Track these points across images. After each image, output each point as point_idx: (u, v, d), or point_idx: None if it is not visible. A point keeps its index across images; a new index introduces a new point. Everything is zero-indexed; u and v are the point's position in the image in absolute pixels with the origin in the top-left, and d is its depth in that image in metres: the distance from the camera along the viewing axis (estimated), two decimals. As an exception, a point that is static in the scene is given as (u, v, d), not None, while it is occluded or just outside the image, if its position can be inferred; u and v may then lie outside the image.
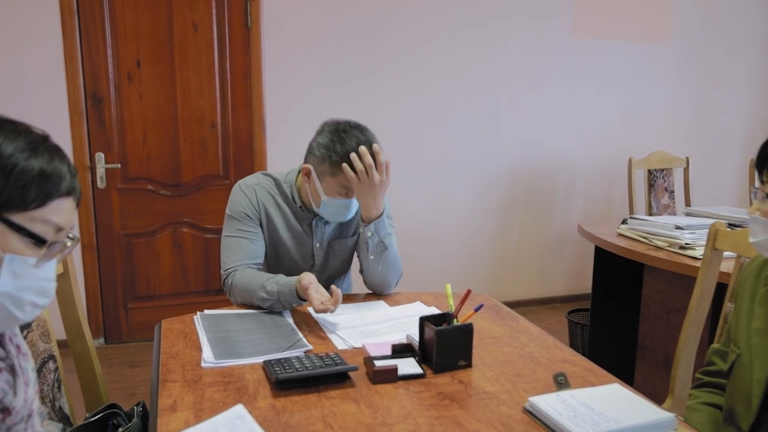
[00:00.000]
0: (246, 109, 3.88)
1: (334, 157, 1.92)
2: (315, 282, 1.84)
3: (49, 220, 0.94)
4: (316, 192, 2.01)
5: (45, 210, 0.93)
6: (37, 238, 0.93)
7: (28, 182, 0.91)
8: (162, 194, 3.83)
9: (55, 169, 0.94)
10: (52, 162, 0.94)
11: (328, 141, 1.94)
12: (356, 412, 1.32)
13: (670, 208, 4.14)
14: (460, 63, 4.21)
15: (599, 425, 1.19)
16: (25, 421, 0.97)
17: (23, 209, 0.91)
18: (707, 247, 1.93)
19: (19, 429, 0.95)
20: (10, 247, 0.92)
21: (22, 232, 0.92)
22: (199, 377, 1.48)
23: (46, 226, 0.94)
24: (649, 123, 4.74)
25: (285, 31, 3.86)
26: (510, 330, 1.81)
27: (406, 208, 4.13)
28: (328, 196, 1.98)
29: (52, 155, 0.95)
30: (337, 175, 1.95)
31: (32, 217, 0.92)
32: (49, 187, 0.93)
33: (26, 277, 0.94)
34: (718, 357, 1.56)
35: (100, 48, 3.59)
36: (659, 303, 2.80)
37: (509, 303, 2.82)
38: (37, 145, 0.93)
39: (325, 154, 1.94)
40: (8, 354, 0.98)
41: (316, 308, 1.78)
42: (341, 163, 1.91)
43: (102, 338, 3.86)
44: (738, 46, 4.88)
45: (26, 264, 0.93)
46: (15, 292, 0.93)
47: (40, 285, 0.96)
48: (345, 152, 1.91)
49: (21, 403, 0.95)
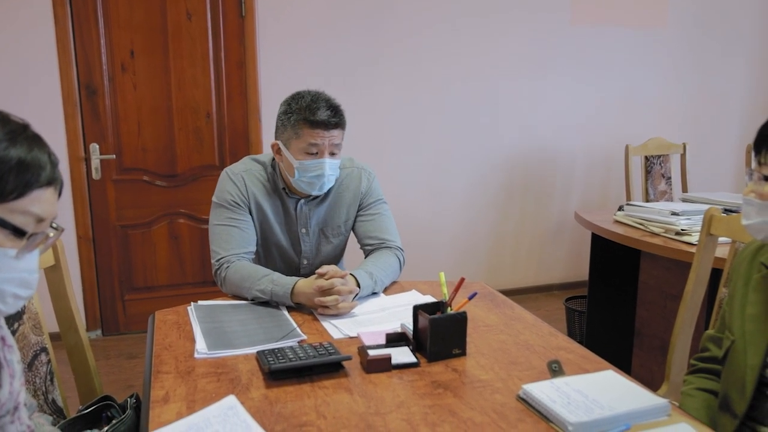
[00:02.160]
0: (241, 98, 3.86)
1: (293, 117, 1.96)
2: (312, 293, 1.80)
3: (29, 211, 0.92)
4: (289, 163, 2.00)
5: (24, 201, 0.92)
6: (17, 230, 0.92)
7: (6, 173, 0.89)
8: (158, 185, 3.81)
9: (34, 159, 0.92)
10: (32, 151, 0.92)
11: (285, 107, 2.01)
12: (350, 401, 1.31)
13: (667, 194, 4.13)
14: (457, 52, 4.18)
15: (593, 412, 1.19)
16: (11, 413, 0.96)
17: (2, 201, 0.90)
18: (702, 232, 1.93)
19: (5, 421, 0.94)
20: None
21: (1, 223, 0.90)
22: (192, 368, 1.47)
23: (26, 218, 0.93)
24: (645, 109, 4.72)
25: (280, 19, 3.83)
26: (505, 318, 1.80)
27: (404, 197, 4.12)
28: (298, 161, 1.97)
29: (32, 144, 0.93)
30: (301, 135, 1.96)
31: (11, 208, 0.91)
32: (28, 178, 0.91)
33: (7, 269, 0.92)
34: (712, 343, 1.56)
35: (94, 38, 3.57)
36: (656, 289, 2.80)
37: (507, 291, 2.82)
38: (15, 135, 0.91)
39: (285, 120, 1.98)
40: None
41: (339, 311, 1.79)
42: (300, 120, 1.94)
43: (99, 330, 3.86)
44: (735, 32, 4.85)
45: (6, 256, 0.92)
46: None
47: (21, 276, 0.95)
48: (301, 108, 1.95)
49: (6, 395, 0.94)
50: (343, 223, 2.18)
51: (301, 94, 2.00)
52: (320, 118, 1.93)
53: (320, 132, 1.94)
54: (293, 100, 1.99)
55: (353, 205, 2.17)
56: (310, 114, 1.93)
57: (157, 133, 3.76)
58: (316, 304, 1.79)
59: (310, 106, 1.94)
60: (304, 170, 1.97)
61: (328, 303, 1.77)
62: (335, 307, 1.78)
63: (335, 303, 1.77)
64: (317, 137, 1.94)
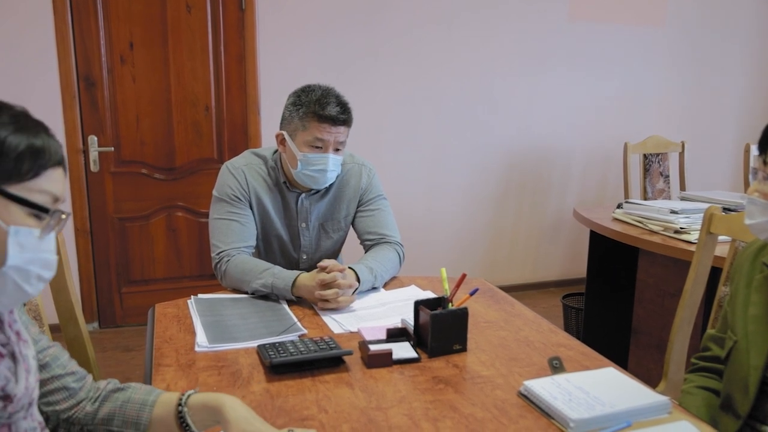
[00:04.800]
0: (240, 92, 3.85)
1: (302, 109, 1.96)
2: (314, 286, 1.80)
3: (46, 189, 0.94)
4: (292, 155, 2.00)
5: (40, 180, 0.93)
6: (39, 207, 0.92)
7: (21, 153, 0.90)
8: (156, 178, 3.80)
9: (43, 141, 0.93)
10: (39, 134, 0.93)
11: (294, 99, 2.01)
12: (351, 396, 1.31)
13: (665, 192, 4.14)
14: (455, 47, 4.18)
15: (594, 409, 1.19)
16: (25, 409, 0.95)
17: (19, 180, 0.91)
18: (702, 231, 1.93)
19: (18, 417, 0.94)
20: (13, 219, 0.91)
21: (24, 203, 0.91)
22: (192, 361, 1.47)
23: (43, 196, 0.94)
24: (644, 107, 4.73)
25: (280, 13, 3.82)
26: (505, 314, 1.81)
27: (403, 193, 4.12)
28: (302, 153, 1.97)
29: (37, 127, 0.94)
30: (308, 128, 1.96)
31: (29, 188, 0.92)
32: (41, 157, 0.92)
33: (32, 249, 0.93)
34: (713, 343, 1.56)
35: (93, 30, 3.55)
36: (654, 287, 2.81)
37: (504, 287, 2.82)
38: (20, 118, 0.93)
39: (294, 111, 1.98)
40: (9, 340, 0.97)
41: (339, 305, 1.79)
42: (309, 113, 1.94)
43: (96, 322, 3.85)
44: (733, 30, 4.86)
45: (31, 235, 0.92)
46: (23, 264, 0.92)
47: (44, 257, 0.95)
48: (311, 101, 1.95)
49: (22, 390, 0.94)
50: (343, 218, 2.18)
51: (312, 88, 1.99)
52: (329, 113, 1.93)
53: (327, 127, 1.95)
54: (303, 93, 1.99)
55: (353, 201, 2.17)
56: (320, 108, 1.93)
57: (155, 126, 3.75)
58: (316, 298, 1.79)
59: (320, 101, 1.94)
60: (307, 163, 1.97)
61: (328, 297, 1.77)
62: (335, 300, 1.78)
63: (335, 297, 1.78)
64: (324, 132, 1.95)
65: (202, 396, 1.12)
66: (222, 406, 1.06)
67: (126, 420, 1.12)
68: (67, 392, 1.13)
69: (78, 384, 1.15)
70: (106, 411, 1.13)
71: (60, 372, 1.13)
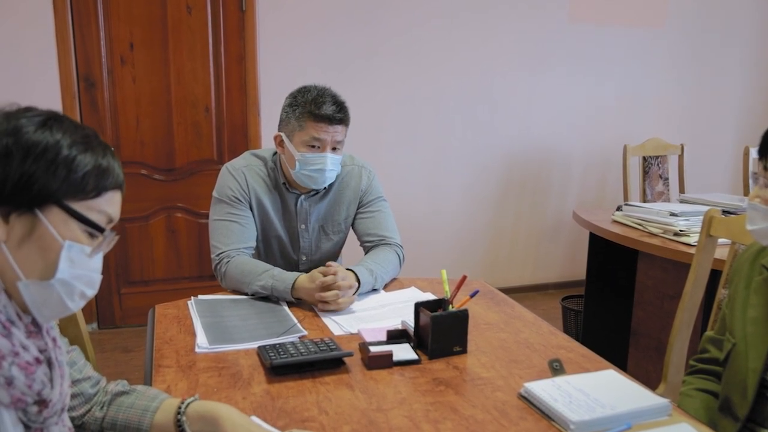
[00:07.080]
0: (240, 93, 3.85)
1: (299, 109, 1.97)
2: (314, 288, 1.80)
3: (104, 210, 0.97)
4: (290, 155, 2.00)
5: (101, 200, 0.96)
6: (96, 226, 0.95)
7: (88, 173, 0.93)
8: (156, 179, 3.80)
9: (108, 162, 0.97)
10: (106, 155, 0.97)
11: (291, 100, 2.02)
12: (351, 397, 1.31)
13: (665, 195, 4.14)
14: (455, 47, 4.18)
15: (594, 411, 1.19)
16: (57, 414, 0.96)
17: (82, 198, 0.93)
18: (702, 233, 1.93)
19: (50, 422, 0.95)
20: (69, 234, 0.93)
21: (83, 220, 0.93)
22: (193, 363, 1.47)
23: (101, 216, 0.96)
24: (644, 110, 4.73)
25: (280, 13, 3.82)
26: (505, 316, 1.81)
27: (402, 194, 4.11)
28: (300, 153, 1.97)
29: (105, 149, 0.98)
30: (305, 128, 1.97)
31: (89, 206, 0.94)
32: (105, 178, 0.96)
33: (81, 265, 0.95)
34: (712, 345, 1.56)
35: (93, 30, 3.55)
36: (653, 290, 2.81)
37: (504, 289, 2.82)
38: (90, 139, 0.96)
39: (290, 112, 1.99)
40: (46, 346, 0.98)
41: (339, 307, 1.79)
42: (305, 113, 1.95)
43: (95, 323, 3.85)
44: (733, 32, 4.87)
45: (83, 252, 0.94)
46: (70, 279, 0.94)
47: (90, 275, 0.97)
48: (307, 101, 1.96)
49: (57, 396, 0.96)
50: (343, 220, 2.18)
51: (308, 88, 2.00)
52: (325, 113, 1.94)
53: (324, 126, 1.95)
54: (299, 93, 2.00)
55: (353, 203, 2.17)
56: (316, 108, 1.94)
57: (155, 126, 3.74)
58: (316, 300, 1.79)
59: (316, 100, 1.95)
60: (306, 163, 1.97)
61: (328, 299, 1.77)
62: (335, 302, 1.78)
63: (335, 299, 1.78)
64: (320, 131, 1.95)
65: (200, 406, 1.14)
66: (219, 418, 1.09)
67: (128, 425, 1.15)
68: (83, 398, 1.17)
69: (94, 389, 1.18)
70: (110, 415, 1.17)
71: (77, 377, 1.16)
